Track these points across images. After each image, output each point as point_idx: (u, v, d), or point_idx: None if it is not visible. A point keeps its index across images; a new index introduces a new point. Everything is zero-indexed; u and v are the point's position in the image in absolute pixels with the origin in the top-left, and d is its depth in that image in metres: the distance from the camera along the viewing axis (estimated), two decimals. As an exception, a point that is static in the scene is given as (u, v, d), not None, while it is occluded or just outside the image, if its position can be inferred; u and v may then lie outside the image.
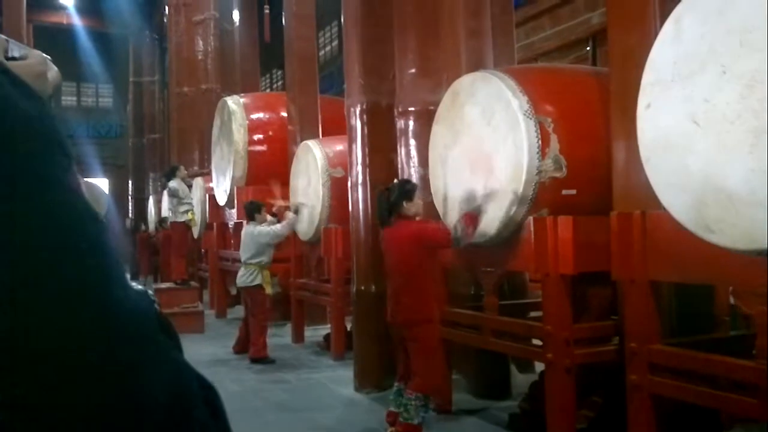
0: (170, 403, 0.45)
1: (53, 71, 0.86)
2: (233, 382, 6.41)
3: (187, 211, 9.94)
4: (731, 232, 2.94)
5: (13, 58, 0.79)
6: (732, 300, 4.09)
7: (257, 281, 7.22)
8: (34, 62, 0.81)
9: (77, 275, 0.43)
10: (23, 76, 0.75)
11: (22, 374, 0.41)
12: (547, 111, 4.33)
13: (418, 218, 4.58)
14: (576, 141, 4.37)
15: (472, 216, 4.32)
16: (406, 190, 4.50)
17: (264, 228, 7.29)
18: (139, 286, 0.85)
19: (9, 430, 0.40)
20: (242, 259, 7.39)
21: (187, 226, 10.21)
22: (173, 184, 9.95)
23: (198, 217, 11.18)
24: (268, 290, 7.33)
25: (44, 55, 0.85)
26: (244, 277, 7.29)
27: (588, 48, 9.76)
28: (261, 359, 7.17)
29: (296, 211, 7.57)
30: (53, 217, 0.44)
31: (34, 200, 0.43)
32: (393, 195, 4.43)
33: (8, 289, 0.42)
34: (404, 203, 4.40)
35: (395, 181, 4.67)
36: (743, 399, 3.13)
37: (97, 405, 0.42)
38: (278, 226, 7.40)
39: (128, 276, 0.49)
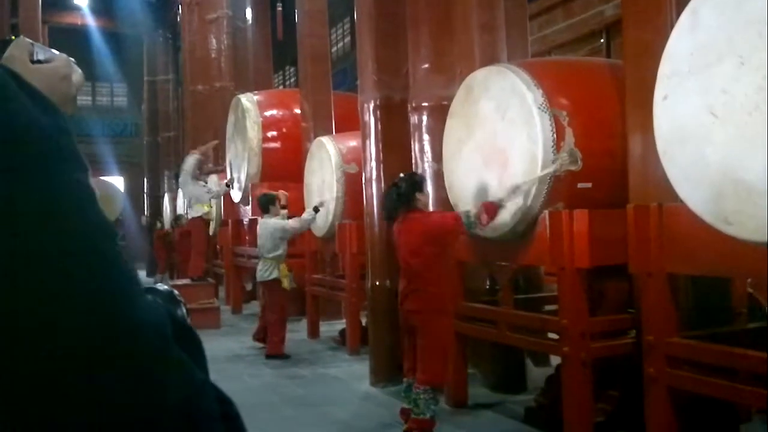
0: (185, 424, 0.45)
1: (77, 73, 0.88)
2: (250, 377, 6.45)
3: (204, 205, 9.99)
4: (750, 223, 2.92)
5: (39, 62, 0.80)
6: (750, 291, 4.06)
7: (274, 275, 7.26)
8: (59, 65, 0.82)
9: (86, 290, 0.43)
10: (48, 78, 0.76)
11: (12, 394, 0.41)
12: (561, 104, 4.31)
13: (425, 209, 4.59)
14: (591, 134, 4.35)
15: (492, 207, 4.30)
16: (416, 181, 4.51)
17: (279, 222, 7.31)
18: (165, 287, 0.85)
19: None
20: (259, 254, 7.43)
21: (204, 221, 10.25)
22: (185, 171, 9.93)
23: (213, 214, 11.24)
24: (285, 284, 7.36)
25: (68, 57, 0.87)
26: (261, 272, 7.34)
27: (602, 40, 9.70)
28: (277, 356, 7.21)
29: (316, 210, 7.57)
30: (66, 232, 0.44)
31: (49, 214, 0.44)
32: (403, 188, 4.44)
33: (13, 305, 0.41)
34: (416, 195, 4.42)
35: (401, 175, 4.67)
36: (761, 391, 3.11)
37: (100, 420, 0.41)
38: (293, 221, 7.42)
39: (141, 287, 0.49)
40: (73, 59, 0.87)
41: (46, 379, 0.41)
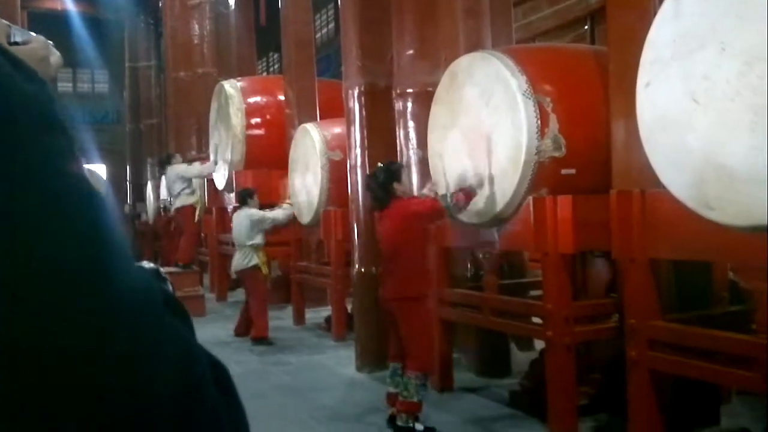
0: (180, 386, 0.44)
1: (55, 56, 0.87)
2: (236, 364, 6.45)
3: (192, 193, 9.95)
4: (731, 209, 2.96)
5: (16, 43, 0.80)
6: (731, 276, 4.12)
7: (253, 262, 7.26)
8: (36, 47, 0.82)
9: (75, 255, 0.42)
10: (26, 60, 0.76)
11: (10, 365, 0.40)
12: (546, 91, 4.33)
13: (406, 197, 4.61)
14: (575, 120, 4.38)
15: (466, 192, 4.36)
16: (393, 171, 4.51)
17: (262, 212, 7.31)
18: (150, 265, 0.86)
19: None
20: (236, 243, 7.42)
21: (194, 208, 10.22)
22: (178, 169, 9.93)
23: (204, 202, 11.18)
24: (265, 270, 7.36)
25: (46, 39, 0.86)
26: (239, 260, 7.33)
27: (586, 27, 9.72)
28: (262, 339, 7.22)
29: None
30: (51, 197, 0.43)
31: (33, 180, 0.43)
32: (381, 178, 4.45)
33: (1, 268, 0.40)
34: (394, 184, 4.43)
35: (379, 164, 4.67)
36: (742, 373, 3.17)
37: (98, 393, 0.41)
38: (277, 213, 7.42)
39: (133, 257, 0.48)
40: (51, 41, 0.87)
41: (40, 363, 0.40)
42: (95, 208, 0.46)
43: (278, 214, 7.47)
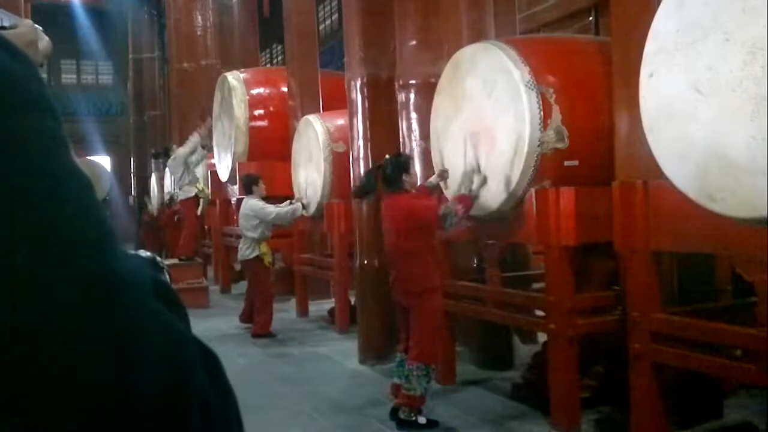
0: (166, 371, 0.43)
1: (44, 41, 0.86)
2: (239, 356, 6.47)
3: (193, 182, 9.91)
4: (733, 200, 2.94)
5: (3, 28, 0.79)
6: (734, 268, 4.10)
7: (255, 253, 7.25)
8: (24, 31, 0.80)
9: (61, 238, 0.41)
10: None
11: None
12: (549, 81, 4.30)
13: (413, 190, 4.60)
14: (578, 112, 4.35)
15: (464, 198, 4.32)
16: (402, 162, 4.50)
17: (260, 203, 7.27)
18: (147, 253, 0.85)
19: None
20: (241, 232, 7.43)
21: (195, 201, 10.21)
22: (181, 152, 9.84)
23: (207, 190, 11.17)
24: (267, 261, 7.34)
25: (35, 24, 0.85)
26: (243, 250, 7.33)
27: (590, 18, 9.65)
28: (263, 335, 7.23)
29: (303, 206, 7.52)
30: (37, 178, 0.42)
31: (17, 161, 0.42)
32: (389, 170, 4.43)
33: None
34: (402, 176, 4.41)
35: (387, 156, 4.65)
36: (744, 366, 3.16)
37: (78, 375, 0.40)
38: (283, 209, 7.33)
39: (120, 242, 0.47)
40: (40, 27, 0.86)
41: (24, 346, 0.39)
42: (82, 189, 0.45)
43: (282, 210, 7.35)
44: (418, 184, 4.99)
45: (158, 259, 0.82)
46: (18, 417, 0.39)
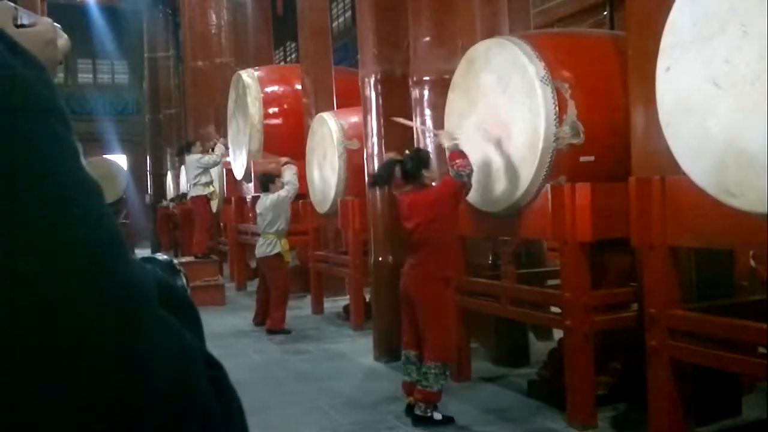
0: (170, 383, 0.43)
1: (63, 38, 0.86)
2: (255, 353, 6.50)
3: (208, 184, 9.96)
4: (752, 195, 2.90)
5: (23, 25, 0.79)
6: (752, 264, 4.06)
7: (276, 250, 7.28)
8: (43, 29, 0.81)
9: (64, 245, 0.41)
10: (32, 43, 0.74)
11: None
12: (564, 76, 4.27)
13: (433, 184, 4.59)
14: (594, 106, 4.32)
15: (453, 154, 4.31)
16: (422, 158, 4.50)
17: (279, 194, 7.29)
18: (164, 257, 0.85)
19: None
20: (260, 230, 7.45)
21: (208, 199, 10.26)
22: (196, 156, 9.90)
23: (217, 191, 11.23)
24: (287, 258, 7.37)
25: (54, 22, 0.85)
26: (263, 247, 7.35)
27: (605, 13, 9.58)
28: (278, 331, 7.26)
29: (289, 162, 7.51)
30: (46, 184, 0.42)
31: (27, 167, 0.42)
32: (409, 165, 4.42)
33: None
34: (423, 172, 4.41)
35: (407, 151, 4.65)
36: (763, 363, 3.12)
37: (83, 389, 0.40)
38: (283, 190, 7.32)
39: (129, 248, 0.46)
40: (58, 25, 0.86)
41: (11, 338, 0.39)
42: (89, 196, 0.44)
43: (287, 189, 7.32)
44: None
45: (175, 262, 0.82)
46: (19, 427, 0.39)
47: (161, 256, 0.84)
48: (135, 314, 0.43)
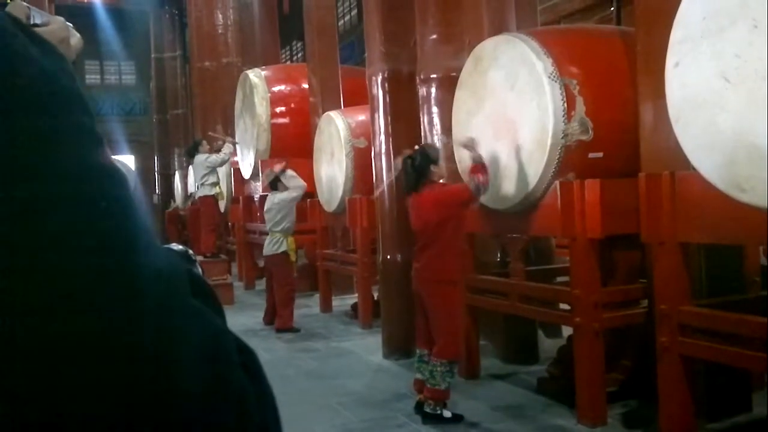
0: (207, 372, 0.43)
1: (76, 37, 0.86)
2: (265, 351, 6.51)
3: (215, 184, 9.99)
4: (762, 190, 2.89)
5: (36, 25, 0.79)
6: (763, 260, 4.04)
7: (282, 248, 7.31)
8: (56, 28, 0.81)
9: (95, 234, 0.41)
10: None
11: (20, 356, 0.38)
12: (572, 73, 4.26)
13: (442, 181, 4.58)
14: (602, 103, 4.30)
15: (477, 167, 4.30)
16: (430, 154, 4.49)
17: (285, 194, 7.31)
18: (179, 247, 0.85)
19: (9, 422, 0.37)
20: (267, 228, 7.48)
21: (215, 199, 10.29)
22: (204, 156, 9.92)
23: (224, 191, 11.26)
24: (293, 257, 7.40)
25: (66, 22, 0.85)
26: (270, 245, 7.39)
27: (612, 9, 9.54)
28: (287, 330, 7.28)
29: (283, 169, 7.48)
30: (71, 173, 0.42)
31: (51, 156, 0.41)
32: (417, 161, 4.42)
33: (15, 248, 0.38)
34: (431, 168, 4.40)
35: (416, 147, 4.64)
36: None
37: (120, 383, 0.39)
38: (288, 192, 7.34)
39: (155, 237, 0.46)
40: (71, 24, 0.86)
41: (54, 352, 0.38)
42: (115, 186, 0.44)
43: (292, 190, 7.33)
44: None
45: (190, 252, 0.82)
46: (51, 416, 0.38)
47: (176, 246, 0.84)
48: (170, 304, 0.43)
